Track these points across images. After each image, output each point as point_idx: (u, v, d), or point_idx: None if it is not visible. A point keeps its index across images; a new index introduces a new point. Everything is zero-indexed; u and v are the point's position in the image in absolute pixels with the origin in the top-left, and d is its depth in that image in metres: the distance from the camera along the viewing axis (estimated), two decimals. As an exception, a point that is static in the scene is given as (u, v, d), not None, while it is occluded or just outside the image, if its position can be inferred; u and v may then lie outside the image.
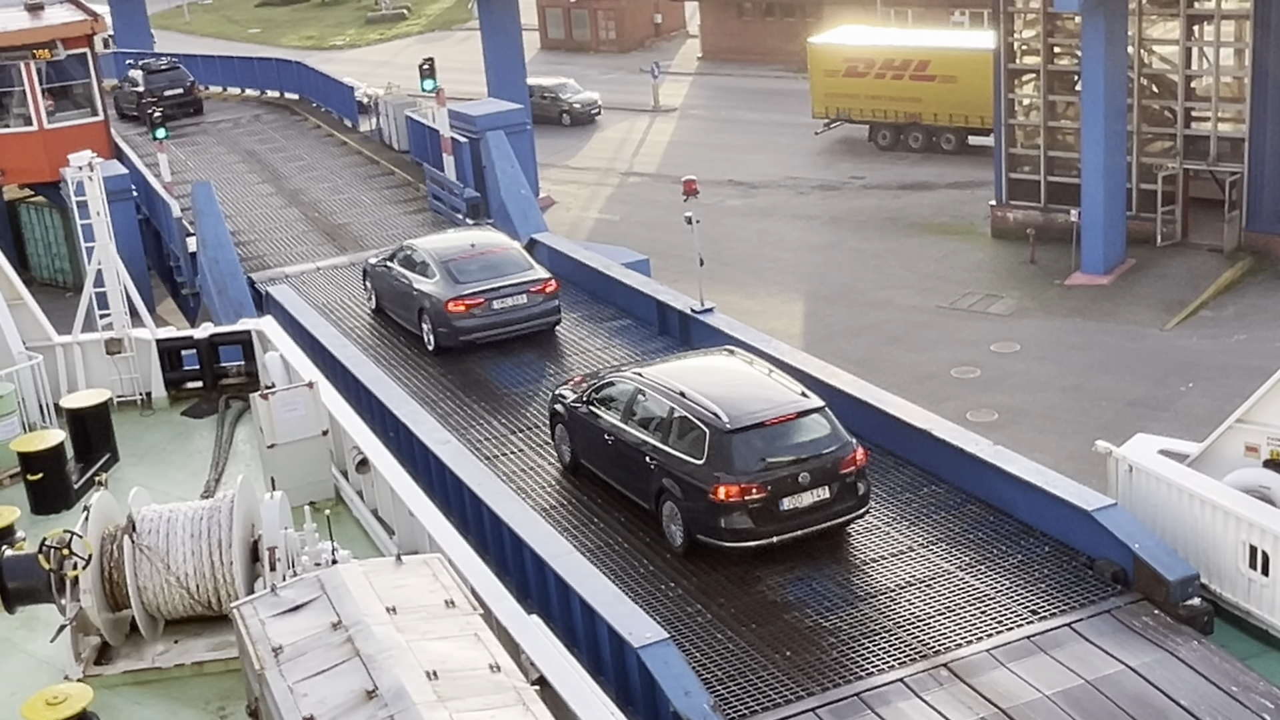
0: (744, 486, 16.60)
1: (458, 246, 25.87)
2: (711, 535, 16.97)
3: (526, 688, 10.21)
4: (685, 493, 17.14)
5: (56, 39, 41.19)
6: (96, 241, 19.77)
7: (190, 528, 13.36)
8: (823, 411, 17.49)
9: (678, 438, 17.46)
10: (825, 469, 16.98)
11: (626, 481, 18.62)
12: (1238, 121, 43.36)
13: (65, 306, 24.46)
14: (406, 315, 26.00)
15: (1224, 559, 16.08)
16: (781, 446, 17.06)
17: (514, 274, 24.99)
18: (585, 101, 66.63)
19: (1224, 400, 25.22)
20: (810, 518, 16.98)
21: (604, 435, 18.76)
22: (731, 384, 18.10)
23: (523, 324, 24.83)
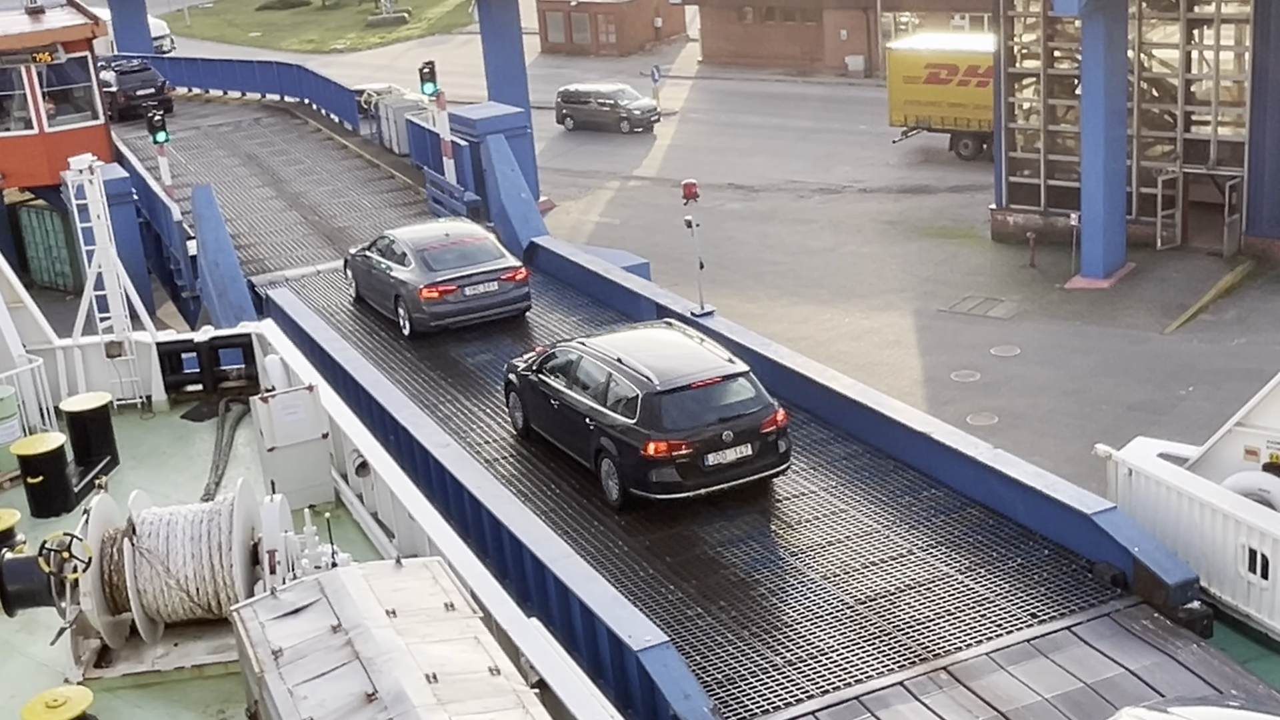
0: (672, 443, 18.11)
1: (433, 236, 27.05)
2: (642, 488, 18.47)
3: (526, 691, 10.21)
4: (620, 450, 18.60)
5: (57, 42, 41.19)
6: (97, 244, 19.78)
7: (190, 531, 13.36)
8: (746, 376, 19.02)
9: (614, 400, 18.95)
10: (748, 428, 18.45)
11: (570, 443, 20.05)
12: (1238, 125, 43.37)
13: (65, 309, 24.52)
14: (384, 302, 27.14)
15: (1223, 562, 16.09)
16: (707, 407, 18.54)
17: (486, 262, 26.26)
18: (644, 108, 64.40)
19: (1224, 404, 25.24)
20: (733, 472, 18.47)
21: (550, 401, 20.25)
22: (664, 352, 19.57)
23: (494, 310, 26.06)
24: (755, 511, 18.87)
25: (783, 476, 19.67)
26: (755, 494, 19.28)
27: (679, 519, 18.77)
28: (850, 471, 19.75)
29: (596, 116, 64.05)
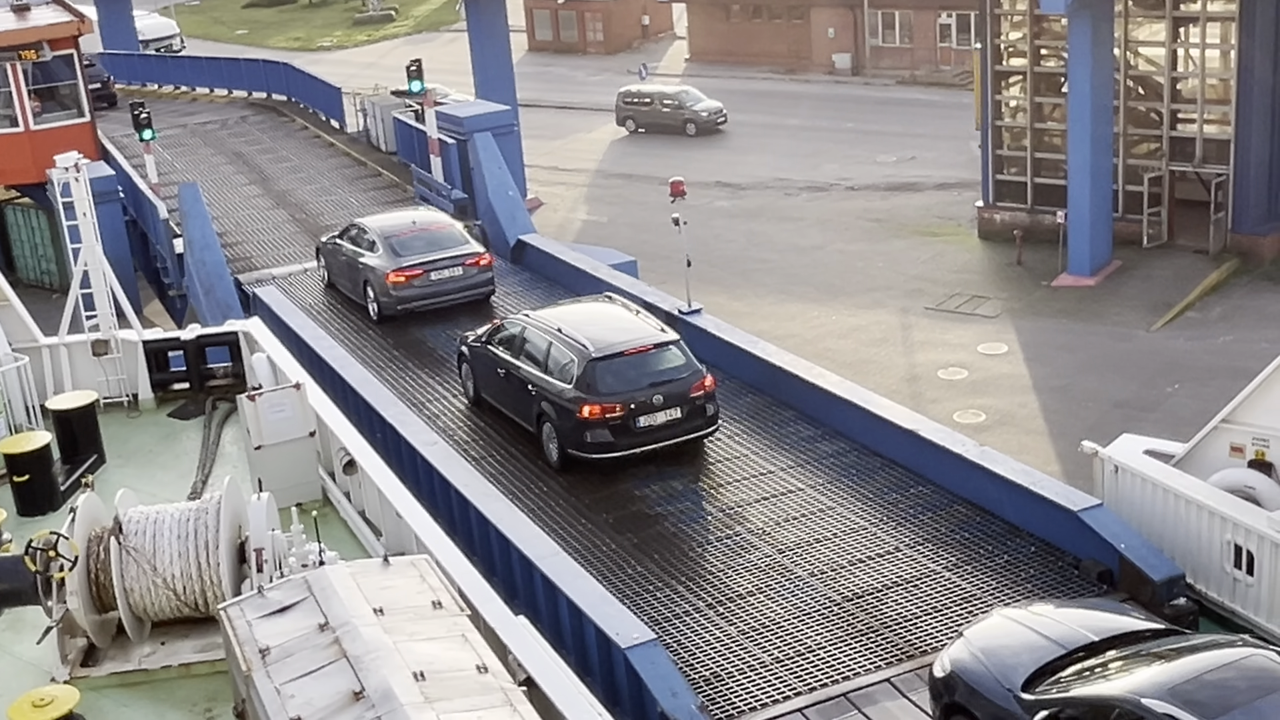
0: (605, 406, 19.36)
1: (400, 224, 28.17)
2: (578, 449, 19.70)
3: (514, 688, 10.22)
4: (558, 413, 19.84)
5: (43, 40, 41.05)
6: (83, 243, 19.74)
7: (177, 529, 13.34)
8: (677, 344, 20.30)
9: (554, 368, 20.20)
10: (677, 393, 19.73)
11: (514, 408, 21.30)
12: (1223, 123, 43.50)
13: (51, 308, 24.47)
14: (352, 287, 28.19)
15: (1209, 559, 16.14)
16: (639, 373, 19.80)
17: (451, 248, 27.29)
18: (710, 110, 63.05)
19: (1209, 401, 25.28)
20: (663, 434, 19.76)
21: (497, 370, 21.51)
22: (602, 323, 20.79)
23: (458, 294, 27.06)
24: (741, 506, 18.90)
25: (772, 473, 19.71)
26: (740, 489, 19.31)
27: (664, 518, 18.79)
28: (837, 469, 19.78)
29: (660, 119, 62.50)
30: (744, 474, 19.92)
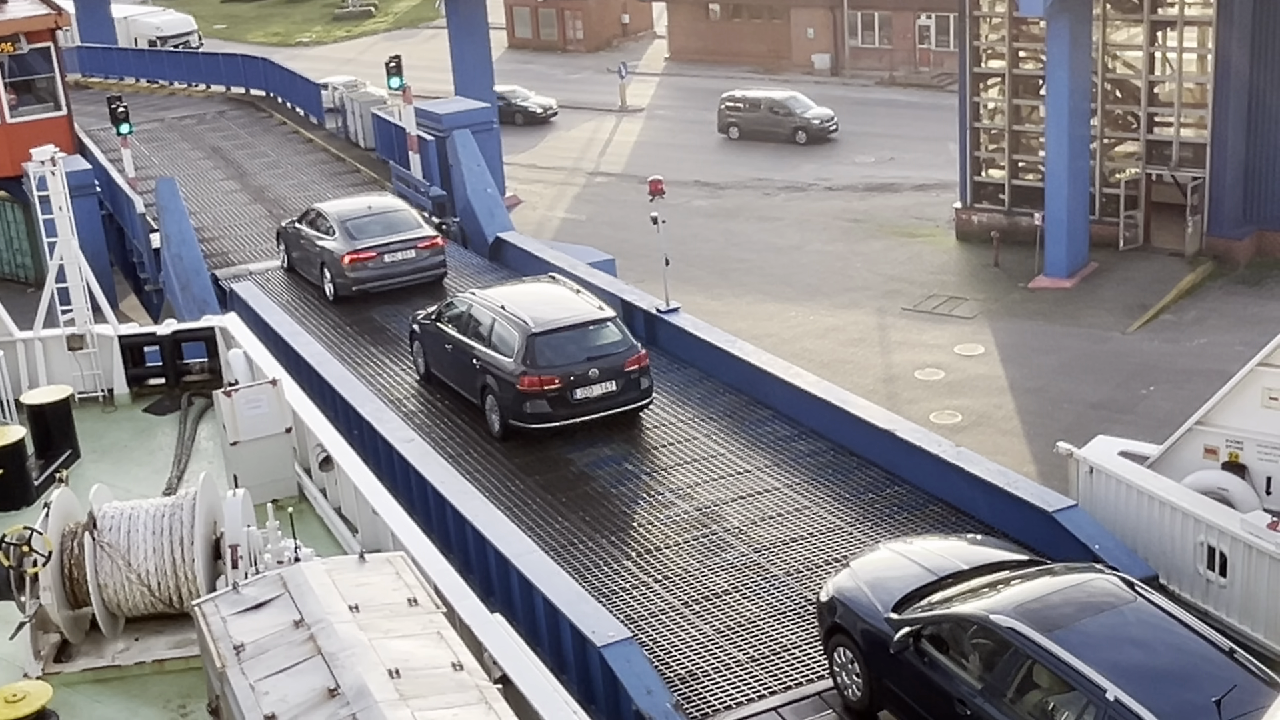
0: (544, 379, 20.41)
1: (356, 208, 29.33)
2: (518, 419, 20.71)
3: (489, 686, 10.21)
4: (500, 386, 20.86)
5: (19, 33, 40.84)
6: (59, 237, 19.65)
7: (152, 525, 13.29)
8: (613, 321, 21.40)
9: (497, 342, 21.19)
10: (613, 367, 20.76)
11: (461, 381, 22.22)
12: (1200, 127, 43.72)
13: (27, 302, 24.33)
14: (310, 269, 29.22)
15: (1182, 560, 16.23)
16: (576, 348, 20.81)
17: (404, 231, 28.36)
18: (822, 117, 60.26)
19: (1184, 403, 25.47)
20: (598, 405, 20.75)
21: (446, 345, 22.47)
22: (543, 301, 21.83)
23: (410, 276, 28.12)
24: (718, 505, 18.92)
25: (748, 473, 19.74)
26: (715, 487, 19.33)
27: (638, 516, 18.81)
28: (814, 469, 19.82)
29: (766, 125, 60.55)
30: (720, 473, 19.95)
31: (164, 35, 66.08)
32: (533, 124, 65.47)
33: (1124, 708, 11.39)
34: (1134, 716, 11.33)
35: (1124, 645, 12.20)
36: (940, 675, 13.02)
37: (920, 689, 13.33)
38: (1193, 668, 11.96)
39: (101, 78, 54.66)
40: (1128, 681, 11.62)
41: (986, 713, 12.43)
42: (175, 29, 68.60)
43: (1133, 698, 11.43)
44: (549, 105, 66.67)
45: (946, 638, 13.22)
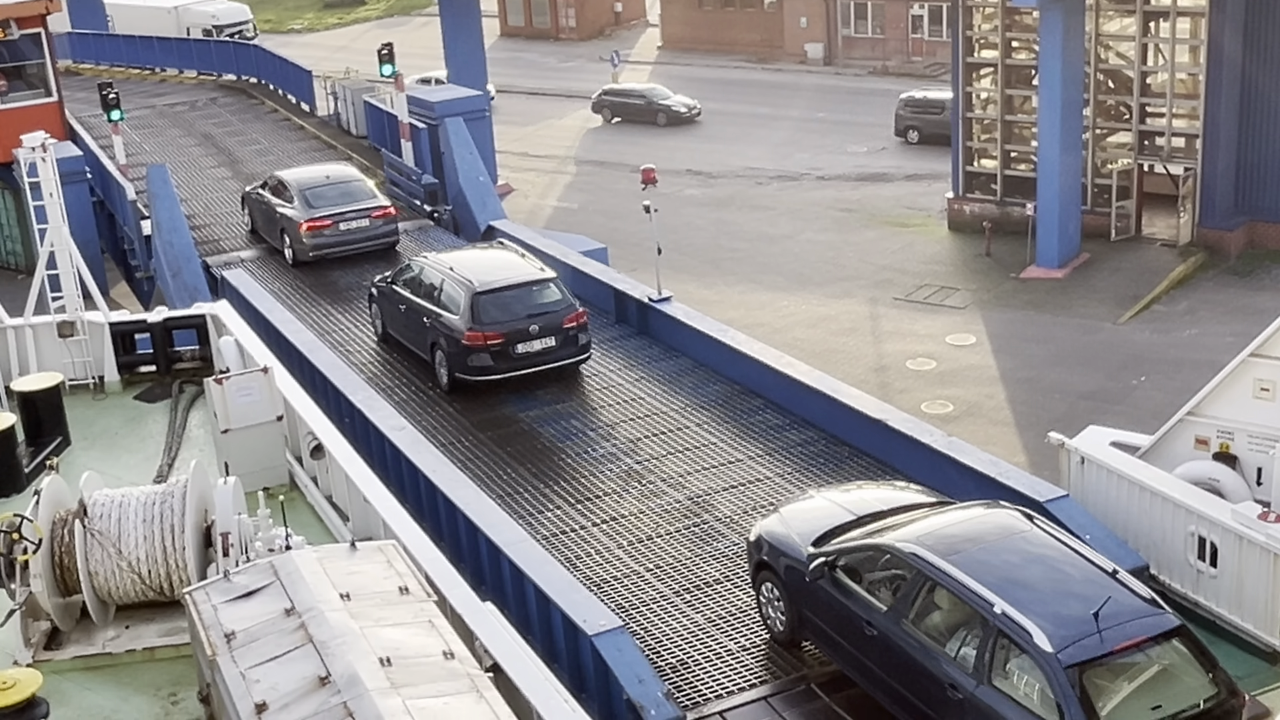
0: (487, 334, 21.91)
1: (315, 177, 31.04)
2: (464, 372, 22.23)
3: (480, 675, 10.21)
4: (447, 342, 22.37)
5: (10, 19, 40.74)
6: (49, 223, 19.60)
7: (142, 513, 13.26)
8: (554, 281, 22.89)
9: (445, 301, 22.66)
10: (552, 324, 22.26)
11: (413, 339, 23.74)
12: (1192, 118, 43.77)
13: (17, 289, 24.30)
14: (272, 233, 31.02)
15: (1173, 551, 16.24)
16: (518, 306, 22.30)
17: (359, 201, 30.06)
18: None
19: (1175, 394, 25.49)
20: (538, 359, 22.29)
21: (400, 306, 23.99)
22: (488, 264, 23.46)
23: (365, 242, 29.82)
24: (709, 494, 18.93)
25: (738, 462, 19.74)
26: (703, 476, 19.33)
27: (631, 506, 18.81)
28: (805, 458, 19.83)
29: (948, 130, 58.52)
30: (712, 462, 19.96)
31: (220, 24, 64.00)
32: (676, 124, 62.86)
33: (1010, 620, 12.26)
34: (1018, 627, 12.18)
35: (1015, 567, 13.12)
36: (851, 601, 13.89)
37: (834, 616, 14.18)
38: (1077, 586, 12.80)
39: (92, 64, 54.50)
40: (1015, 597, 12.48)
41: (891, 632, 13.33)
42: (231, 18, 66.01)
43: (1018, 610, 12.30)
44: (692, 105, 63.70)
45: (857, 567, 14.06)
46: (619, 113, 63.94)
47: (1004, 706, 12.16)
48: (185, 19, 63.62)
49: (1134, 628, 12.24)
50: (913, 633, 13.16)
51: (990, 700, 12.25)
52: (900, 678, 13.32)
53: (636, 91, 64.80)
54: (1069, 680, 11.78)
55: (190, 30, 61.47)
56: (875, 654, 13.59)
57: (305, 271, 29.42)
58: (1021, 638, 12.15)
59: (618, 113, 63.94)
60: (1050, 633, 12.05)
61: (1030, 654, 12.07)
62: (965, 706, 12.46)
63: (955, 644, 12.74)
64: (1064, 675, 11.82)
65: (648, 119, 63.15)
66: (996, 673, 12.33)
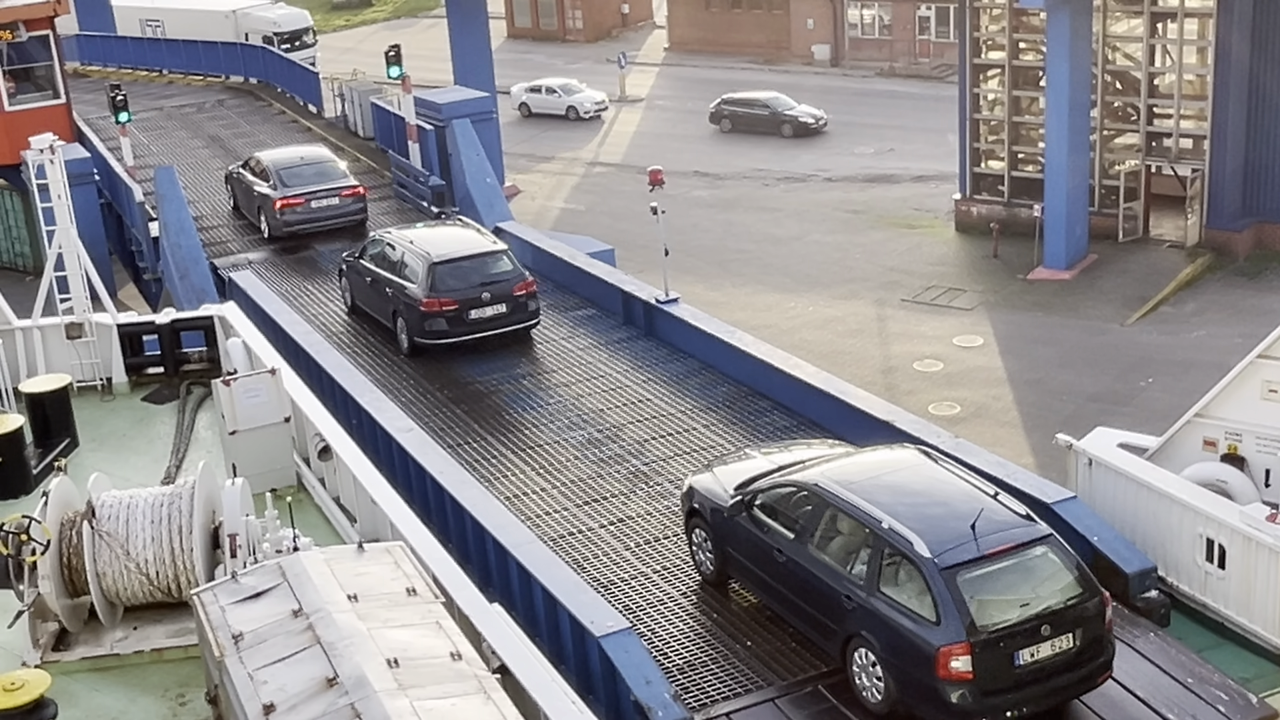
0: (443, 301, 23.74)
1: (289, 158, 33.25)
2: (421, 336, 24.08)
3: (488, 676, 10.22)
4: (407, 309, 24.23)
5: (18, 20, 40.78)
6: (57, 225, 19.63)
7: (150, 514, 13.29)
8: (505, 253, 24.86)
9: (406, 272, 24.55)
10: (503, 292, 24.17)
11: (377, 308, 25.50)
12: (1200, 119, 43.71)
13: (25, 290, 24.37)
14: (250, 209, 33.16)
15: (1181, 552, 16.22)
16: (471, 275, 24.20)
17: (331, 180, 32.15)
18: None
19: (1183, 395, 25.45)
20: (490, 324, 24.09)
21: (365, 278, 25.76)
22: (446, 237, 25.57)
23: (334, 219, 31.88)
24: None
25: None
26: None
27: (638, 506, 18.80)
28: (813, 459, 19.76)
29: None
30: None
31: (280, 31, 62.03)
32: (803, 135, 59.48)
33: (895, 533, 13.83)
34: (902, 538, 13.74)
35: (905, 494, 14.64)
36: (765, 534, 15.41)
37: (751, 549, 15.66)
38: (959, 506, 14.23)
39: (100, 66, 54.55)
40: (901, 515, 14.02)
41: (798, 557, 14.89)
42: (292, 24, 63.71)
43: (903, 525, 13.84)
44: (819, 115, 60.42)
45: (770, 503, 15.58)
46: (739, 123, 60.50)
47: (890, 610, 13.67)
48: (244, 24, 61.45)
49: (1005, 536, 13.80)
50: (816, 555, 14.70)
51: (879, 606, 13.78)
52: (805, 596, 14.84)
53: (759, 101, 60.97)
54: (944, 581, 13.28)
55: (248, 36, 59.48)
56: (784, 578, 15.11)
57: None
58: (905, 547, 13.66)
59: (737, 123, 60.55)
60: (929, 540, 13.56)
61: (912, 560, 13.57)
62: (859, 614, 13.99)
63: (850, 561, 14.30)
64: (940, 576, 13.32)
65: (770, 129, 59.82)
66: (885, 581, 13.85)
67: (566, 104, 64.69)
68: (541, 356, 24.14)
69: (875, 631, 13.83)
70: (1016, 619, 13.38)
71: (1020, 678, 13.35)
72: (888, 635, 13.69)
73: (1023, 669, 13.34)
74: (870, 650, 13.94)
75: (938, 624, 13.24)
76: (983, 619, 13.24)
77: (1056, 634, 13.43)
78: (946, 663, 13.15)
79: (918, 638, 13.34)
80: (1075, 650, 13.56)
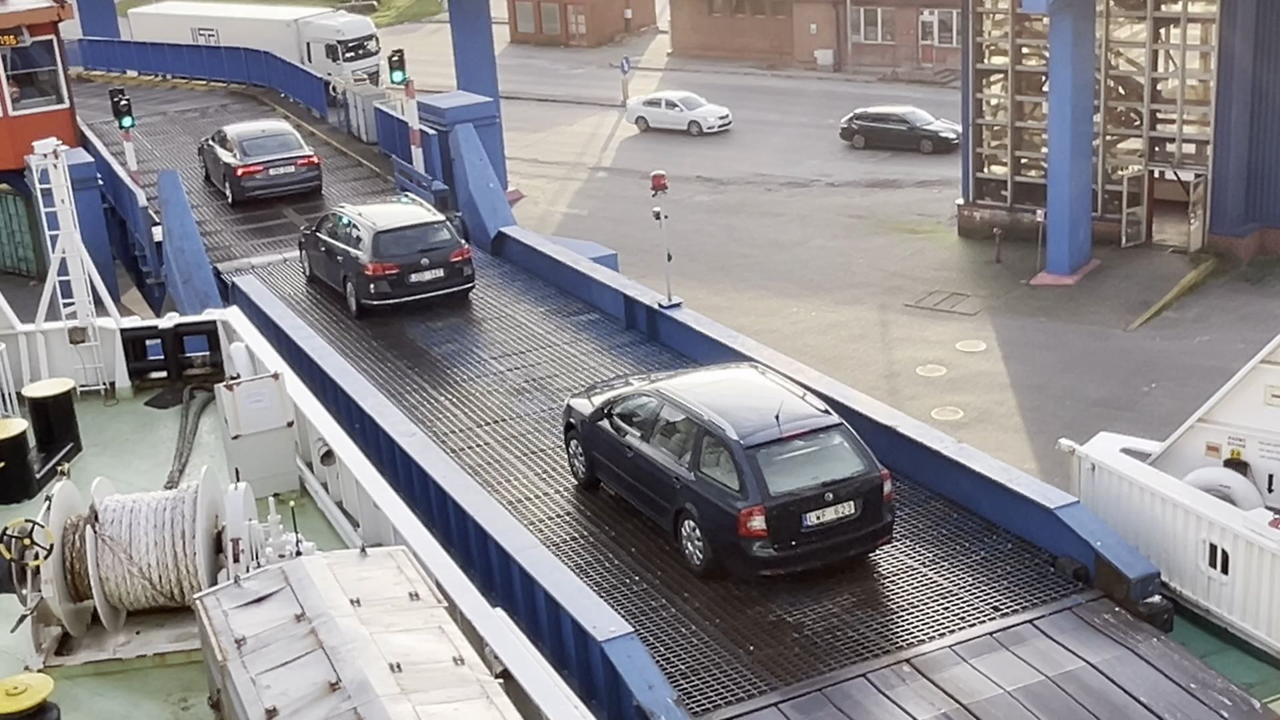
0: (385, 266, 26.51)
1: (252, 131, 36.97)
2: (367, 298, 26.72)
3: (490, 681, 10.22)
4: (354, 274, 26.89)
5: (22, 25, 40.82)
6: (61, 230, 19.64)
7: (153, 518, 13.29)
8: (444, 224, 27.48)
9: (354, 241, 27.14)
10: (440, 258, 26.87)
11: (330, 275, 28.01)
12: (1202, 124, 43.71)
13: (28, 295, 24.39)
14: (218, 178, 36.63)
15: (1184, 557, 16.22)
16: (412, 243, 26.86)
17: (289, 151, 35.82)
18: None
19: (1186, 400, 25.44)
20: (429, 287, 26.70)
21: (321, 249, 28.36)
22: (391, 212, 28.15)
23: (289, 185, 35.52)
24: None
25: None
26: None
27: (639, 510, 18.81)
28: (816, 464, 19.75)
29: None
30: (722, 468, 19.90)
31: (344, 39, 59.98)
32: (944, 151, 56.38)
33: (712, 422, 16.76)
34: (717, 426, 16.68)
35: (729, 396, 17.51)
36: (618, 435, 18.26)
37: (609, 449, 18.50)
38: (770, 404, 16.98)
39: (104, 71, 54.62)
40: (720, 410, 16.98)
41: (642, 450, 17.74)
42: (355, 32, 61.47)
43: (719, 415, 16.80)
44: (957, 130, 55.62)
45: (624, 411, 18.38)
46: (872, 139, 58.68)
47: (707, 485, 16.58)
48: (306, 33, 59.31)
49: (801, 423, 16.70)
50: (655, 448, 17.60)
51: (700, 483, 16.68)
52: (647, 483, 17.71)
53: (895, 115, 58.95)
54: (747, 458, 16.18)
55: (310, 45, 58.07)
56: (632, 470, 17.95)
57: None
58: (719, 433, 16.59)
59: (871, 139, 58.69)
60: (738, 427, 16.53)
61: (724, 443, 16.47)
62: (685, 492, 16.87)
63: (681, 450, 17.17)
64: (744, 455, 16.23)
65: (909, 146, 57.80)
66: (705, 463, 16.73)
67: (688, 119, 62.37)
68: (543, 362, 24.13)
69: (697, 504, 16.68)
70: (804, 488, 16.16)
71: (808, 536, 16.16)
72: (705, 506, 16.55)
73: (810, 529, 16.18)
74: (693, 520, 16.80)
75: (740, 492, 16.13)
76: (776, 488, 16.05)
77: (839, 501, 16.25)
78: (746, 522, 16.00)
79: (726, 505, 16.22)
80: (856, 516, 16.36)
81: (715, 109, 62.93)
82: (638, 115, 63.70)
